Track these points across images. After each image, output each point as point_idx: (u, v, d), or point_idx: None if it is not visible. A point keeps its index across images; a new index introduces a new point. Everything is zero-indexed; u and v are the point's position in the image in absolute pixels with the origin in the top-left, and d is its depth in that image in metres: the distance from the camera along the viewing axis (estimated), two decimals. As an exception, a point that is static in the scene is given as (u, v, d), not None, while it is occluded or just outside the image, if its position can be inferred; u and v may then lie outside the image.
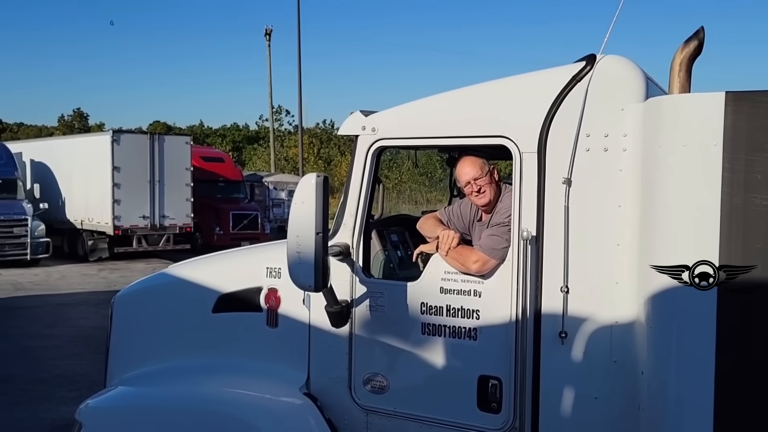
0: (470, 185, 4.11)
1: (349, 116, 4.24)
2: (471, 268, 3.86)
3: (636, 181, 3.43)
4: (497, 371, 3.79)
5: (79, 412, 4.76)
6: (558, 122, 3.60)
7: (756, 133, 3.10)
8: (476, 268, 3.85)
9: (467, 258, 3.89)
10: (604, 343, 3.54)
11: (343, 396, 4.21)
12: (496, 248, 3.85)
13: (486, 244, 3.90)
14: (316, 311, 4.21)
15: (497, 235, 3.90)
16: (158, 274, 5.42)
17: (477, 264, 3.85)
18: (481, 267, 3.84)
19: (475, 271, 3.86)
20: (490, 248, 3.86)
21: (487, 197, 4.10)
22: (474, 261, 3.86)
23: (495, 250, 3.84)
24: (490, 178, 4.12)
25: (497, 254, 3.83)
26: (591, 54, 3.65)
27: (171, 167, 23.35)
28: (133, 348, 5.03)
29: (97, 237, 23.21)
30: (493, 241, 3.88)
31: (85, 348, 11.16)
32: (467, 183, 4.13)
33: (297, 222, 3.77)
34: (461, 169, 4.18)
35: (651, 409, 3.40)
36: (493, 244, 3.87)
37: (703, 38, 3.44)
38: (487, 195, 4.10)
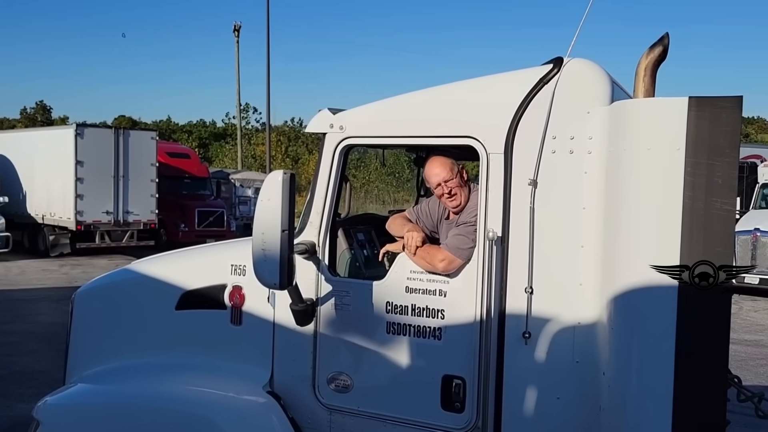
0: (441, 187, 4.12)
1: (317, 114, 4.22)
2: (437, 267, 3.88)
3: (601, 184, 3.47)
4: (461, 371, 3.80)
5: (37, 409, 4.68)
6: (525, 124, 3.62)
7: (717, 138, 3.15)
8: (442, 267, 3.86)
9: (434, 257, 3.90)
10: (567, 343, 3.57)
11: (306, 395, 4.19)
12: (462, 248, 3.86)
13: (452, 244, 3.91)
14: (281, 309, 4.18)
15: (463, 235, 3.91)
16: (121, 270, 5.34)
17: (443, 263, 3.86)
18: (447, 266, 3.85)
19: (441, 270, 3.87)
20: (456, 248, 3.87)
21: (458, 200, 4.12)
22: (440, 260, 3.87)
23: (461, 250, 3.86)
24: (461, 180, 4.13)
25: (463, 254, 3.85)
26: (558, 57, 3.68)
27: (136, 162, 23.06)
28: (93, 345, 4.95)
29: (58, 232, 22.85)
30: (459, 240, 3.90)
31: (45, 344, 10.98)
32: (438, 185, 4.13)
33: (263, 219, 3.74)
34: (431, 170, 4.18)
35: (611, 410, 3.44)
36: (459, 243, 3.89)
37: (667, 44, 3.49)
38: (458, 198, 4.11)
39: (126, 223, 23.07)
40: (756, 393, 4.05)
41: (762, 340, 12.53)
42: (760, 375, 10.05)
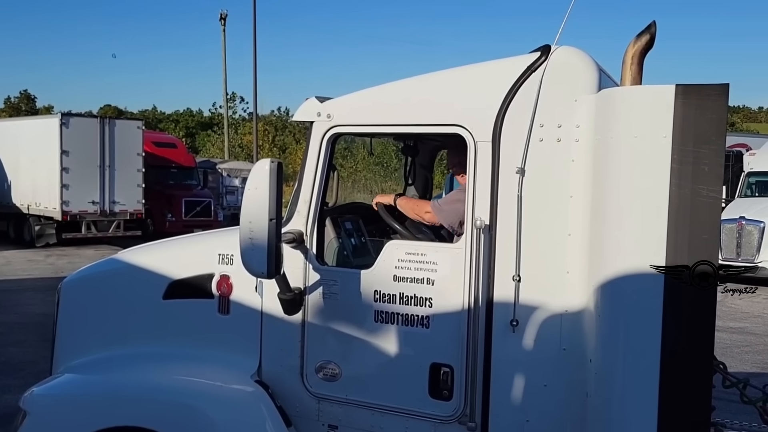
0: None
1: (304, 102, 4.20)
2: (425, 217, 4.36)
3: (588, 172, 3.48)
4: (449, 359, 3.81)
5: (24, 400, 4.65)
6: (512, 112, 3.62)
7: (704, 126, 3.16)
8: (428, 218, 4.35)
9: (422, 208, 4.39)
10: (554, 331, 3.59)
11: (294, 384, 4.19)
12: (443, 207, 4.26)
13: (439, 202, 4.37)
14: (269, 298, 4.18)
15: (449, 199, 4.33)
16: (107, 259, 5.31)
17: (428, 215, 4.33)
18: (432, 218, 4.32)
19: (427, 220, 4.35)
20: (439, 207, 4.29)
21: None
22: (426, 211, 4.34)
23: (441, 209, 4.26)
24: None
25: (444, 214, 4.23)
26: (546, 45, 3.68)
27: (122, 152, 22.95)
28: (80, 335, 4.92)
29: (44, 222, 22.72)
30: (444, 199, 4.40)
31: (31, 335, 10.92)
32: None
33: (250, 208, 3.73)
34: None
35: (598, 396, 3.46)
36: (443, 202, 4.35)
37: (654, 32, 3.49)
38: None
39: (112, 213, 22.98)
40: (741, 379, 4.10)
41: (746, 327, 12.65)
42: (744, 361, 10.15)
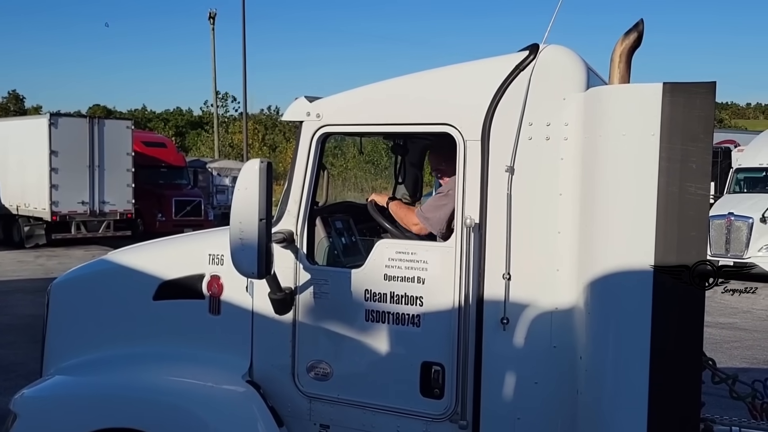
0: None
1: (294, 102, 4.20)
2: (412, 229, 4.35)
3: (577, 170, 3.49)
4: (440, 357, 3.82)
5: (14, 402, 4.63)
6: (501, 110, 3.63)
7: (692, 124, 3.18)
8: (416, 230, 4.33)
9: (410, 219, 4.37)
10: (545, 328, 3.60)
11: (286, 383, 4.19)
12: (426, 215, 4.24)
13: (422, 209, 4.35)
14: (260, 298, 4.17)
15: (431, 203, 4.30)
16: (97, 260, 5.29)
17: (416, 227, 4.32)
18: (420, 230, 4.31)
19: (416, 231, 4.33)
20: (423, 215, 4.27)
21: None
22: (414, 224, 4.33)
23: (425, 217, 4.23)
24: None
25: (430, 221, 4.21)
26: (534, 44, 3.69)
27: (111, 152, 22.85)
28: (70, 336, 4.90)
29: (33, 223, 22.60)
30: (426, 207, 4.34)
31: (21, 336, 10.87)
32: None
33: (240, 208, 3.73)
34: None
35: (589, 393, 3.47)
36: (425, 210, 4.31)
37: (642, 30, 3.51)
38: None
39: (102, 213, 22.88)
40: (730, 375, 4.12)
41: (736, 323, 12.72)
42: (734, 357, 10.21)
